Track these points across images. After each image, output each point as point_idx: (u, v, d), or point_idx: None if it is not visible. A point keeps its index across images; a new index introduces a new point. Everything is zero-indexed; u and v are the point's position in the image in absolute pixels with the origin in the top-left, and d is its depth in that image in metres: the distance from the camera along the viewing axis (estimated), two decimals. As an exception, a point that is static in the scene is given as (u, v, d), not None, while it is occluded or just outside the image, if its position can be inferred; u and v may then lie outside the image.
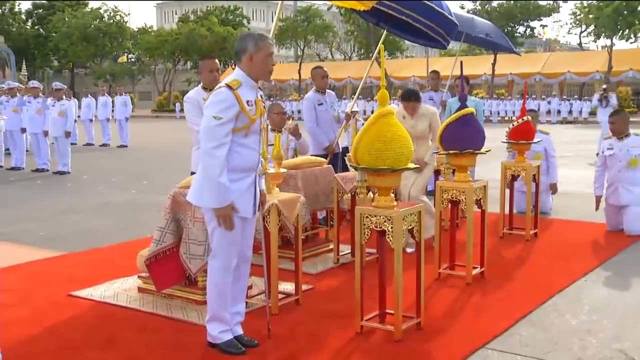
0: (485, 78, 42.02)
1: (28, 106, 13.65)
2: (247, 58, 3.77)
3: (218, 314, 3.89)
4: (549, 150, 7.96)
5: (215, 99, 3.68)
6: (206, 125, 3.64)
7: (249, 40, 3.79)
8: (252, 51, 3.76)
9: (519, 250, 6.35)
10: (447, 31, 7.04)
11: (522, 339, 4.06)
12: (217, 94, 3.70)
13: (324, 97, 7.08)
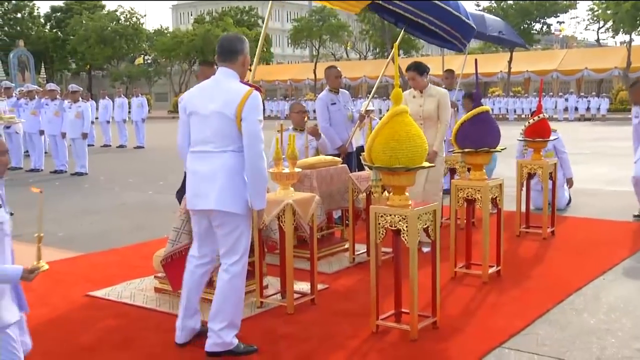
0: (501, 76, 41.73)
1: (46, 108, 13.79)
2: (242, 58, 3.82)
3: (235, 320, 3.84)
4: (558, 147, 7.91)
5: (256, 102, 3.67)
6: (256, 129, 3.64)
7: (245, 43, 3.85)
8: (246, 53, 3.84)
9: (536, 248, 6.31)
10: (464, 34, 7.05)
11: (539, 338, 4.03)
12: (255, 98, 3.67)
13: (337, 96, 7.08)
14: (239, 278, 3.81)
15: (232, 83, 3.76)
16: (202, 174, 3.74)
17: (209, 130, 3.72)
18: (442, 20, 6.75)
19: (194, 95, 3.87)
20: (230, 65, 3.80)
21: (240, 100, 3.64)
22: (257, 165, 3.65)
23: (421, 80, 6.10)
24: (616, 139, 18.16)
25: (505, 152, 5.70)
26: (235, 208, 3.70)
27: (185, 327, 3.96)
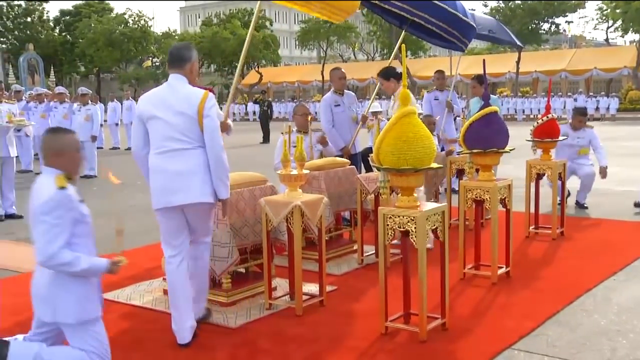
0: (509, 76, 41.58)
1: (55, 111, 13.88)
2: (190, 65, 4.13)
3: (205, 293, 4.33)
4: (594, 142, 8.19)
5: (213, 102, 4.04)
6: (216, 125, 4.01)
7: (192, 51, 4.20)
8: (195, 61, 4.18)
9: (545, 249, 6.28)
10: (463, 33, 7.07)
11: (549, 339, 4.01)
12: (211, 98, 4.04)
13: (341, 98, 7.12)
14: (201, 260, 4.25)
15: (186, 87, 4.07)
16: (175, 171, 3.96)
17: (174, 131, 3.97)
18: (439, 18, 6.79)
19: (149, 101, 4.12)
20: (179, 72, 4.10)
21: (200, 100, 3.98)
22: (220, 158, 3.99)
23: (388, 84, 6.54)
24: (626, 138, 18.07)
25: (514, 153, 5.68)
26: (212, 198, 4.05)
27: (186, 328, 4.03)
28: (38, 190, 3.38)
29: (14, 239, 7.45)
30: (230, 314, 4.54)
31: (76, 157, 3.49)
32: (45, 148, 3.47)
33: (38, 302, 3.43)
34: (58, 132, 3.55)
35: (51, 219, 3.25)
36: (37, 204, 3.30)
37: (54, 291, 3.36)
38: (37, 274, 3.48)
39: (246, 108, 43.54)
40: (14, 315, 4.66)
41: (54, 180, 3.32)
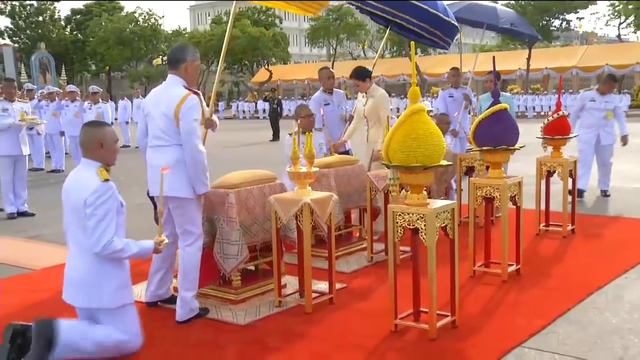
0: (520, 73, 41.39)
1: (66, 110, 13.94)
2: (184, 67, 4.34)
3: (196, 285, 4.45)
4: (618, 107, 8.75)
5: (190, 104, 4.22)
6: (190, 127, 4.20)
7: (187, 51, 4.39)
8: (189, 61, 4.35)
9: (556, 247, 6.24)
10: (445, 32, 7.17)
11: (560, 337, 3.99)
12: (190, 99, 4.24)
13: (330, 96, 7.25)
14: (196, 252, 4.42)
15: (174, 88, 4.31)
16: (155, 165, 4.32)
17: (158, 129, 4.33)
18: (420, 19, 6.92)
19: (149, 98, 4.50)
20: (175, 72, 4.36)
21: (177, 103, 4.22)
22: (194, 157, 4.23)
23: (363, 84, 6.69)
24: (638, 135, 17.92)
25: (524, 150, 5.65)
26: (184, 193, 4.28)
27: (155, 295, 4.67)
28: (80, 181, 3.61)
29: (25, 236, 7.51)
30: (240, 311, 4.55)
31: (115, 149, 3.78)
32: (86, 141, 3.71)
33: (75, 288, 3.63)
34: (97, 125, 3.81)
35: (101, 211, 3.52)
36: (81, 195, 3.53)
37: (93, 278, 3.58)
38: (75, 262, 3.66)
39: (256, 106, 43.58)
40: (30, 312, 4.69)
41: (97, 173, 3.59)
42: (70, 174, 3.82)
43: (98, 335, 3.61)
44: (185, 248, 4.42)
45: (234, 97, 55.75)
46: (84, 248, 3.60)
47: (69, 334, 3.55)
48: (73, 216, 3.64)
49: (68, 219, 3.72)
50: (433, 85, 43.29)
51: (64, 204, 3.75)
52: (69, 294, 3.69)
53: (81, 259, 3.63)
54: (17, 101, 8.85)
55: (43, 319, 3.59)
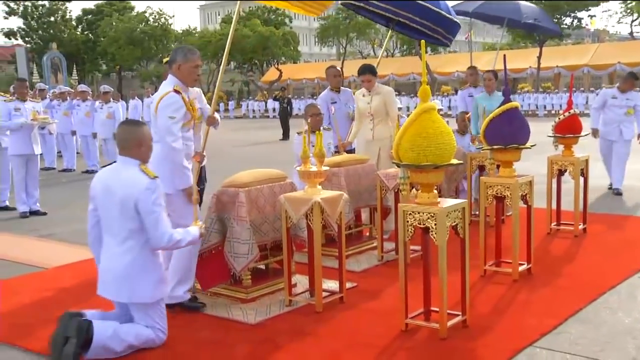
0: (530, 71, 41.17)
1: (77, 109, 14.01)
2: (176, 67, 4.54)
3: (185, 277, 4.56)
4: (638, 102, 8.77)
5: (167, 102, 4.40)
6: (164, 125, 4.37)
7: (179, 53, 4.58)
8: (180, 62, 4.53)
9: (567, 246, 6.21)
10: (447, 30, 7.16)
11: (572, 337, 3.97)
12: (168, 97, 4.42)
13: (337, 95, 7.22)
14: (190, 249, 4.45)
15: (164, 86, 4.54)
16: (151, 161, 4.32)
17: (153, 125, 4.51)
18: (423, 17, 6.91)
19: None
20: (171, 72, 4.58)
21: (157, 101, 4.46)
22: (167, 154, 4.36)
23: (374, 80, 6.64)
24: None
25: (535, 149, 5.62)
26: (168, 189, 4.29)
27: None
28: (126, 179, 3.75)
29: (38, 235, 7.55)
30: (250, 310, 4.56)
31: (151, 147, 3.98)
32: (125, 139, 3.86)
33: (116, 283, 3.77)
34: (136, 124, 3.97)
35: (158, 207, 3.76)
36: (130, 192, 3.71)
37: (134, 273, 3.76)
38: (116, 257, 3.79)
39: (266, 105, 43.62)
40: (42, 311, 4.72)
41: (143, 170, 3.81)
42: (106, 171, 3.94)
43: (128, 336, 3.80)
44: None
45: (244, 96, 55.83)
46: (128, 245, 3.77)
47: (103, 334, 3.71)
48: (116, 212, 3.77)
49: (108, 214, 3.83)
50: (443, 84, 43.16)
51: (102, 200, 3.84)
52: (109, 289, 3.83)
53: (121, 255, 3.78)
54: (29, 101, 8.90)
55: (81, 318, 3.70)
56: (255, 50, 51.84)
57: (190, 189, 4.50)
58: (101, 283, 3.88)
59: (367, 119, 6.72)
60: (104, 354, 3.74)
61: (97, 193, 3.89)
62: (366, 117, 6.72)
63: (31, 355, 3.97)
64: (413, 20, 6.96)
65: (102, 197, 3.84)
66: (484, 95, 7.61)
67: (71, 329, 3.63)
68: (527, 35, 42.03)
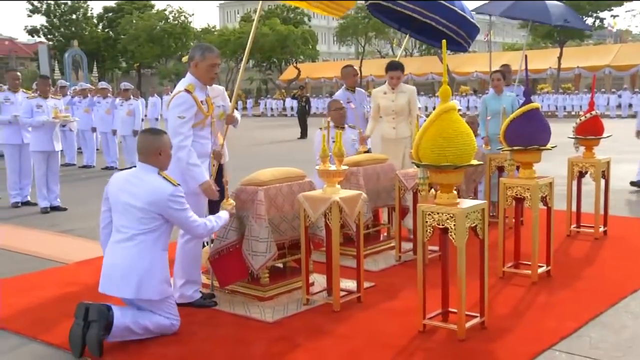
0: (550, 72, 40.81)
1: (98, 106, 14.15)
2: (193, 65, 4.58)
3: (192, 277, 4.65)
4: None
5: (177, 102, 4.45)
6: (172, 125, 4.42)
7: (197, 51, 4.61)
8: (198, 60, 4.56)
9: (588, 248, 6.15)
10: (469, 33, 7.12)
11: (592, 341, 3.93)
12: (177, 97, 4.46)
13: (353, 95, 7.17)
14: (189, 243, 4.60)
15: (179, 85, 4.59)
16: None
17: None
18: (449, 19, 6.86)
19: None
20: (189, 69, 4.63)
21: (169, 100, 4.52)
22: (175, 155, 4.33)
23: (402, 78, 6.67)
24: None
25: (556, 150, 5.57)
26: (187, 188, 4.37)
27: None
28: (148, 184, 3.91)
29: (58, 230, 7.64)
30: (268, 308, 4.57)
31: (170, 155, 4.11)
32: (145, 147, 3.99)
33: (120, 279, 3.88)
34: (156, 133, 4.08)
35: (185, 210, 3.98)
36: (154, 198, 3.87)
37: (142, 269, 3.87)
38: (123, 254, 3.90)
39: (284, 103, 43.68)
40: (62, 305, 4.77)
41: (164, 177, 3.97)
42: (124, 175, 4.06)
43: (146, 321, 3.97)
44: (184, 245, 4.62)
45: (263, 94, 55.94)
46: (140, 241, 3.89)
47: (122, 319, 3.85)
48: (135, 215, 3.89)
49: (123, 216, 3.94)
50: (462, 84, 42.92)
51: (120, 202, 3.96)
52: (114, 285, 3.91)
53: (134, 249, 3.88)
54: (51, 98, 9.00)
55: (101, 304, 3.85)
56: (274, 48, 51.94)
57: (206, 184, 4.50)
58: (105, 279, 3.97)
59: (388, 116, 6.69)
60: (124, 336, 3.91)
61: (114, 195, 4.00)
62: (388, 115, 6.69)
63: (52, 349, 4.02)
64: (439, 22, 6.89)
65: (120, 199, 3.95)
66: (492, 95, 7.56)
67: (93, 313, 3.77)
68: (547, 36, 41.63)
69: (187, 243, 4.63)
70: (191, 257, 4.65)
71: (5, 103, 9.11)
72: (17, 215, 8.59)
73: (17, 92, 9.30)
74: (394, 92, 6.65)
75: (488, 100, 7.58)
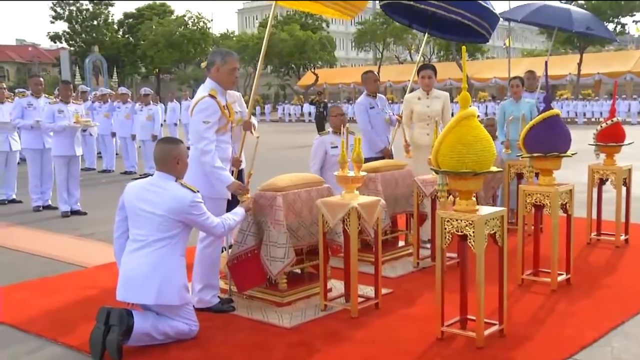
0: (570, 78, 40.46)
1: (118, 111, 14.29)
2: (214, 70, 4.60)
3: (210, 282, 4.68)
4: None
5: (201, 107, 4.47)
6: (197, 129, 4.44)
7: (217, 56, 4.65)
8: (219, 64, 4.59)
9: (608, 256, 6.08)
10: (491, 24, 7.05)
11: (614, 351, 3.88)
12: (202, 102, 4.48)
13: (375, 100, 7.13)
14: (208, 248, 4.65)
15: (201, 90, 4.61)
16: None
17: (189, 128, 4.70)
18: (473, 12, 6.78)
19: None
20: (209, 75, 4.64)
21: (193, 104, 4.54)
22: (198, 157, 4.45)
23: (434, 80, 6.64)
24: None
25: (576, 157, 5.53)
26: (215, 193, 4.53)
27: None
28: (166, 192, 3.97)
29: (78, 234, 7.72)
30: (286, 314, 4.58)
31: (187, 164, 4.18)
32: (163, 156, 4.05)
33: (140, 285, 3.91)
34: (173, 142, 4.15)
35: (204, 214, 4.07)
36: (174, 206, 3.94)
37: (161, 275, 3.90)
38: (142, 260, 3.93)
39: (302, 109, 43.78)
40: (82, 308, 4.82)
41: (184, 185, 4.03)
42: (141, 183, 4.11)
43: (166, 327, 4.00)
44: (203, 250, 4.66)
45: (280, 100, 56.10)
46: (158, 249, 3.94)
47: (142, 325, 3.90)
48: (154, 223, 3.94)
49: (141, 224, 3.99)
50: (480, 90, 42.71)
51: (134, 210, 4.01)
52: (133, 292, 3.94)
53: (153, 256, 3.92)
54: (72, 103, 9.11)
55: (122, 309, 3.88)
56: (292, 54, 52.07)
57: (232, 185, 4.55)
58: (123, 287, 3.99)
59: (422, 122, 6.63)
60: (143, 341, 3.94)
61: (130, 204, 4.04)
62: (422, 121, 6.62)
63: (72, 352, 4.06)
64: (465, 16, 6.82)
65: (138, 208, 4.00)
66: (510, 101, 7.54)
67: (114, 318, 3.81)
68: (567, 42, 41.28)
69: (207, 248, 4.66)
70: (210, 262, 4.68)
71: (28, 108, 9.25)
72: (38, 219, 8.70)
73: (40, 97, 9.45)
74: (428, 97, 6.60)
75: (506, 105, 7.54)
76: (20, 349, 4.14)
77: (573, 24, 8.43)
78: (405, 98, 6.89)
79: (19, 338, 4.33)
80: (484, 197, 6.90)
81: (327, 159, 6.28)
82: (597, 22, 9.45)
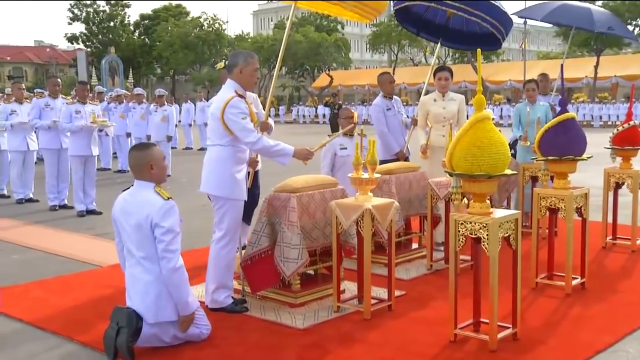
0: (586, 81, 40.15)
1: (133, 112, 14.39)
2: (237, 71, 4.63)
3: (224, 283, 4.70)
4: None
5: (234, 104, 4.49)
6: (239, 126, 4.47)
7: (239, 57, 4.68)
8: (242, 65, 4.62)
9: (624, 261, 6.04)
10: (506, 28, 7.02)
11: (630, 356, 3.86)
12: (233, 101, 4.51)
13: (391, 102, 7.12)
14: (224, 249, 4.67)
15: (225, 91, 4.62)
16: (204, 163, 4.70)
17: (208, 128, 4.70)
18: (491, 15, 6.76)
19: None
20: (230, 76, 4.67)
21: (224, 104, 4.49)
22: (254, 150, 4.66)
23: (451, 82, 6.65)
24: None
25: (592, 160, 5.50)
26: (216, 191, 4.61)
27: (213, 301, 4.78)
28: (141, 202, 3.84)
29: (94, 234, 7.79)
30: (299, 315, 4.60)
31: (164, 167, 3.99)
32: (136, 164, 3.95)
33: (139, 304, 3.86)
34: (144, 148, 4.02)
35: (175, 227, 3.84)
36: (146, 214, 3.79)
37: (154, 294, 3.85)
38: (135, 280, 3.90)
39: (316, 111, 43.81)
40: (97, 307, 4.87)
41: (157, 192, 3.90)
42: (124, 196, 4.01)
43: (175, 330, 3.98)
44: (219, 251, 4.69)
45: (295, 101, 56.18)
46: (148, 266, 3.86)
47: (150, 327, 3.88)
48: (133, 235, 3.87)
49: (128, 238, 3.94)
50: (495, 92, 42.51)
51: (121, 225, 3.96)
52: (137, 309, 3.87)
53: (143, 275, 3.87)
54: (89, 103, 9.20)
55: (131, 310, 3.86)
56: (307, 55, 52.14)
57: (297, 152, 4.70)
58: (129, 299, 3.97)
59: (438, 124, 6.62)
60: (153, 342, 3.95)
61: (117, 217, 4.00)
62: (438, 123, 6.62)
63: (87, 350, 4.10)
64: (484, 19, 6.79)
65: (122, 220, 3.95)
66: (525, 104, 7.51)
67: (122, 319, 3.81)
68: (584, 44, 40.99)
69: (222, 249, 4.68)
70: (225, 262, 4.70)
71: (45, 109, 9.35)
72: (54, 218, 8.79)
73: (57, 97, 9.54)
74: (444, 99, 6.63)
75: (521, 109, 7.52)
76: (38, 346, 4.19)
77: (594, 24, 8.33)
78: (420, 100, 6.88)
79: (37, 336, 4.38)
80: (498, 200, 6.88)
81: (336, 159, 6.29)
82: (618, 21, 9.34)
